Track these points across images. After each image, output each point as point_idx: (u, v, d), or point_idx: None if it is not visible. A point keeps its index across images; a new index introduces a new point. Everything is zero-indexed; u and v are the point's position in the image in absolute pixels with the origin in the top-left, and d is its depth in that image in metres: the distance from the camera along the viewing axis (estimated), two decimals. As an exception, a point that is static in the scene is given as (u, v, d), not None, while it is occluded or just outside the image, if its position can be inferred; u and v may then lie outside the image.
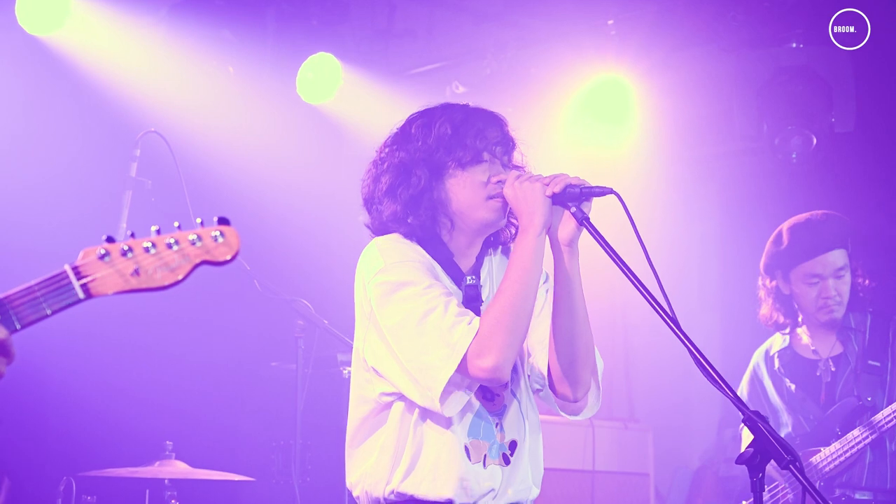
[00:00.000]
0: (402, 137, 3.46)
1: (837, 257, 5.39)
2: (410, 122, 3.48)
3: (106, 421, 6.59)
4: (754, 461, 2.87)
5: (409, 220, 3.36)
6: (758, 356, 5.66)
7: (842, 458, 5.17)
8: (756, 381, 5.61)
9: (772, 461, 2.86)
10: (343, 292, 3.41)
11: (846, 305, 5.39)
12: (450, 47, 7.95)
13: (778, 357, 5.53)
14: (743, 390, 5.64)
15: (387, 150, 3.46)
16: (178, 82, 7.00)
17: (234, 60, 7.16)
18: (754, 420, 2.88)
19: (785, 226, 5.49)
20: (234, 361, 7.24)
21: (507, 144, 3.47)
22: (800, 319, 5.48)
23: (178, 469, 5.70)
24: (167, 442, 5.77)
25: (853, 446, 5.12)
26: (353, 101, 7.61)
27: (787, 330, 5.53)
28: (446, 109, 3.47)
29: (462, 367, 3.14)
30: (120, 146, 6.13)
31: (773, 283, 5.49)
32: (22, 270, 6.02)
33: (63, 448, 6.44)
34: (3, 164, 6.43)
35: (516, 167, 3.46)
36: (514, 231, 3.48)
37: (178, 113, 6.91)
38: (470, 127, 3.40)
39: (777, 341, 5.58)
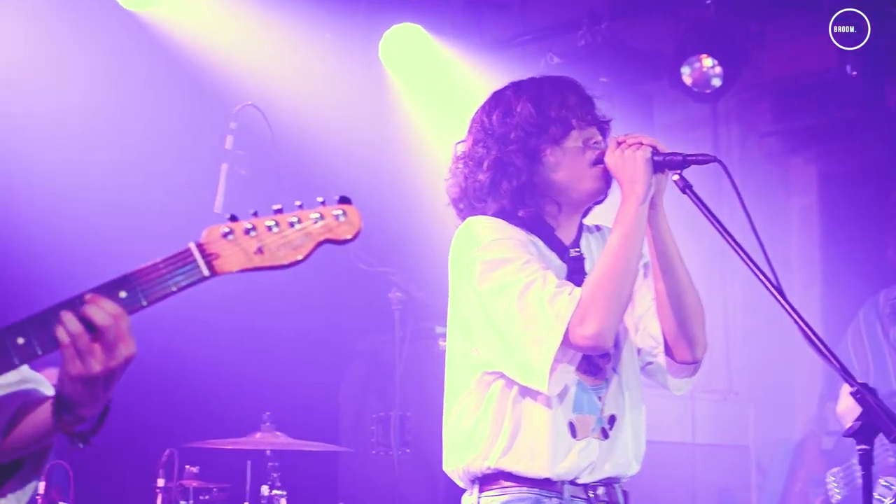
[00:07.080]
0: (485, 131, 3.38)
1: None
2: (489, 113, 3.41)
3: (206, 393, 6.68)
4: (862, 434, 2.82)
5: (519, 214, 3.32)
6: (862, 311, 5.56)
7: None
8: (857, 332, 5.51)
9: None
10: (439, 264, 3.40)
11: None
12: (543, 19, 7.89)
13: (893, 302, 5.41)
14: (847, 346, 5.55)
15: (473, 147, 3.40)
16: (273, 52, 7.04)
17: (329, 29, 7.18)
18: (863, 392, 2.83)
19: None
20: (332, 333, 7.29)
21: (589, 104, 3.41)
22: None
23: (278, 440, 5.76)
24: (265, 413, 5.84)
25: None
26: (443, 73, 7.58)
27: None
28: (518, 90, 3.41)
29: (565, 338, 3.11)
30: (216, 119, 6.19)
31: None
32: (118, 242, 6.12)
33: (166, 421, 6.53)
34: (101, 140, 6.53)
35: (602, 123, 3.42)
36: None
37: (272, 84, 6.95)
38: (551, 100, 3.35)
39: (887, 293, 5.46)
